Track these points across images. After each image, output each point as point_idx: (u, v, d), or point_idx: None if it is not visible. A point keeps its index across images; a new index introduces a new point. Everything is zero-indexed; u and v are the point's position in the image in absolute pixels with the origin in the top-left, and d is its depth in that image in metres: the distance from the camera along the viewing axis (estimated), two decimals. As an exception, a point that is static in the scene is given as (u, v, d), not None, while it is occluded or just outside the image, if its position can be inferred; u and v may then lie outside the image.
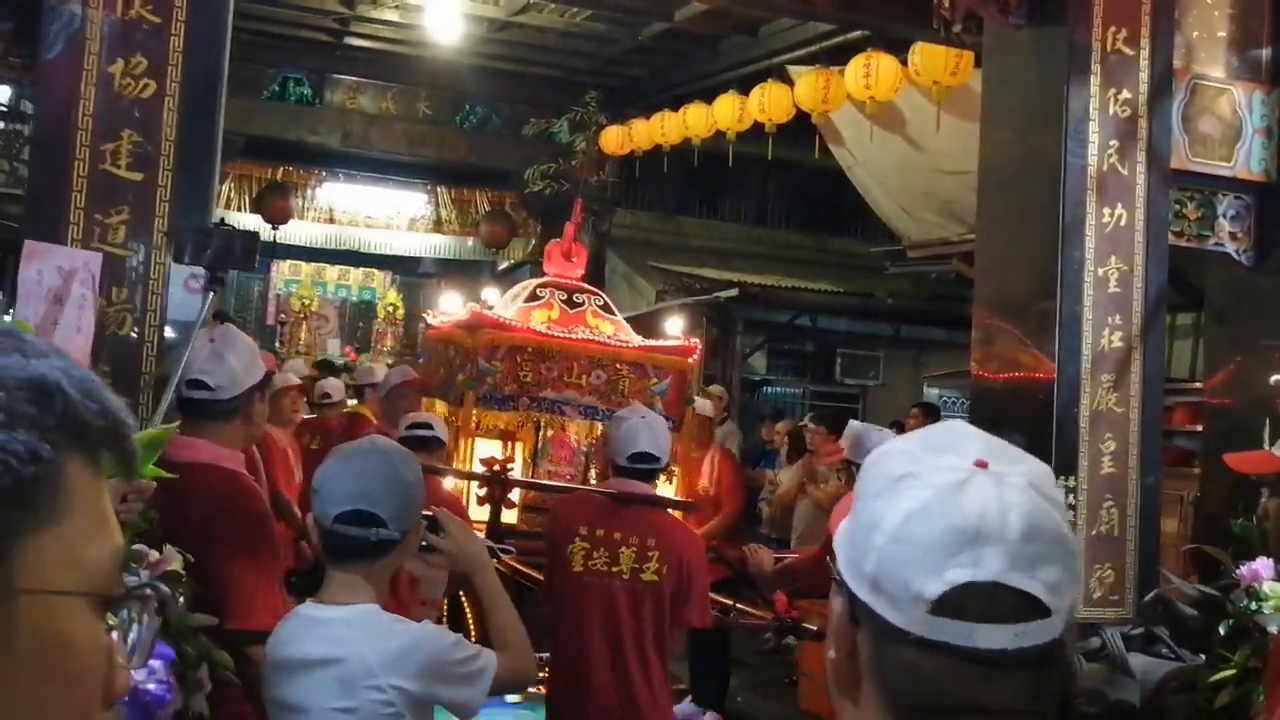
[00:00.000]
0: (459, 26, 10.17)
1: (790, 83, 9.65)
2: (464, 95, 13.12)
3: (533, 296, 6.06)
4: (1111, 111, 4.90)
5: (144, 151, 3.61)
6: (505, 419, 5.62)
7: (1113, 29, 4.91)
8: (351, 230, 14.34)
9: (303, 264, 15.22)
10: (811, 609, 4.77)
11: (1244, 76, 5.31)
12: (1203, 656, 4.00)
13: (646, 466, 3.74)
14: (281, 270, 15.03)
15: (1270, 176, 5.28)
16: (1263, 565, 3.87)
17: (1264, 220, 5.28)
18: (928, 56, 8.05)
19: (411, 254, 15.14)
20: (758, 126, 10.04)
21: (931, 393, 14.07)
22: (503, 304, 6.27)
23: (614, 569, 3.63)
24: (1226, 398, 5.65)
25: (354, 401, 7.94)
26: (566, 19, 11.02)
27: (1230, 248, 5.25)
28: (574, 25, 11.22)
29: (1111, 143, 4.88)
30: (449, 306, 6.78)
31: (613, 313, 6.18)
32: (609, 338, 5.84)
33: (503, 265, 14.93)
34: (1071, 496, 4.69)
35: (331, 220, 14.22)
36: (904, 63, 8.37)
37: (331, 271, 15.53)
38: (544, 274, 6.41)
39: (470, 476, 5.38)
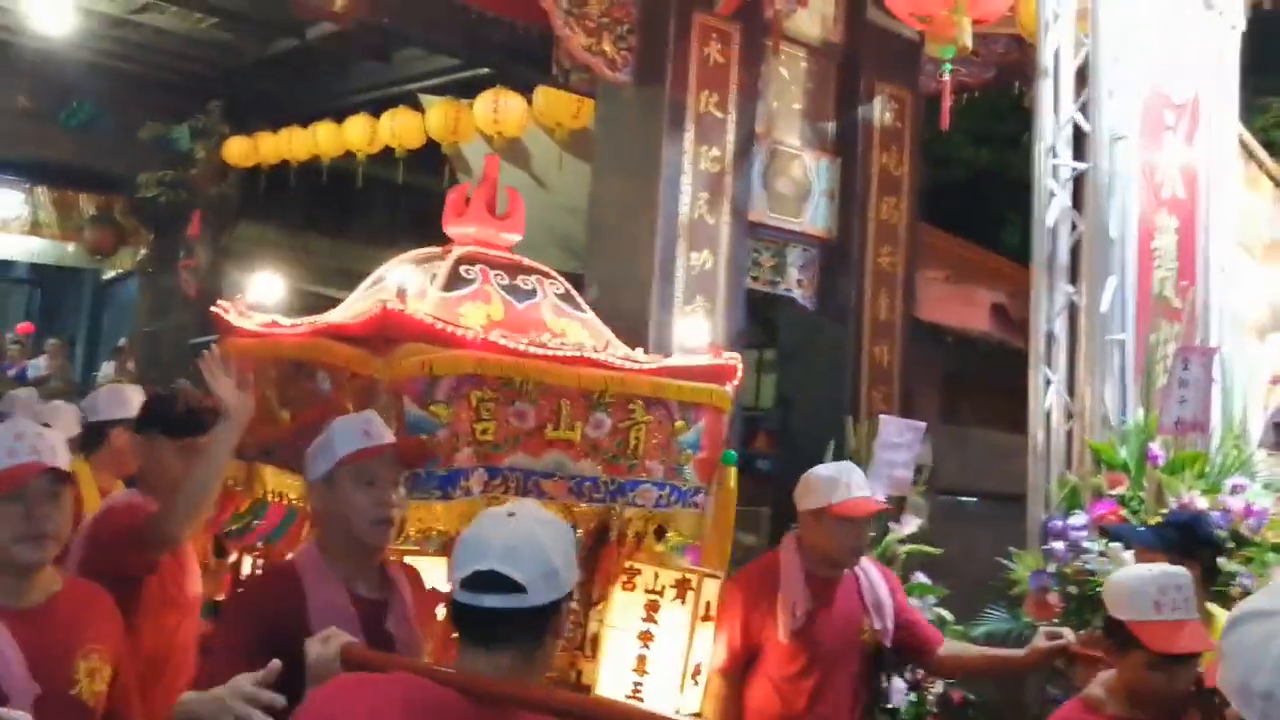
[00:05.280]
0: (68, 18, 9.54)
1: (422, 111, 9.86)
2: (71, 91, 12.26)
3: (456, 278, 3.51)
4: (702, 166, 5.50)
5: None
6: (452, 513, 3.01)
7: (706, 92, 5.53)
8: (-66, 227, 12.96)
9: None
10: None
11: (814, 145, 6.11)
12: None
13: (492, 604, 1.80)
14: None
15: (831, 234, 6.11)
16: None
17: (825, 271, 6.10)
18: (551, 99, 8.53)
19: (2, 257, 13.89)
20: (388, 150, 10.16)
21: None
22: (411, 292, 3.33)
23: None
24: (796, 423, 6.44)
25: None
26: (190, 24, 10.63)
27: (797, 293, 6.02)
28: (198, 31, 10.84)
29: (701, 194, 5.48)
30: (266, 294, 3.70)
31: (579, 306, 3.79)
32: (598, 352, 3.41)
33: (109, 275, 14.03)
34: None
35: (-87, 215, 12.79)
36: (530, 102, 8.82)
37: (-95, 272, 13.97)
38: (445, 240, 3.77)
39: None
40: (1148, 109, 4.69)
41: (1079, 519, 3.91)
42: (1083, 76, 4.66)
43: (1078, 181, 4.63)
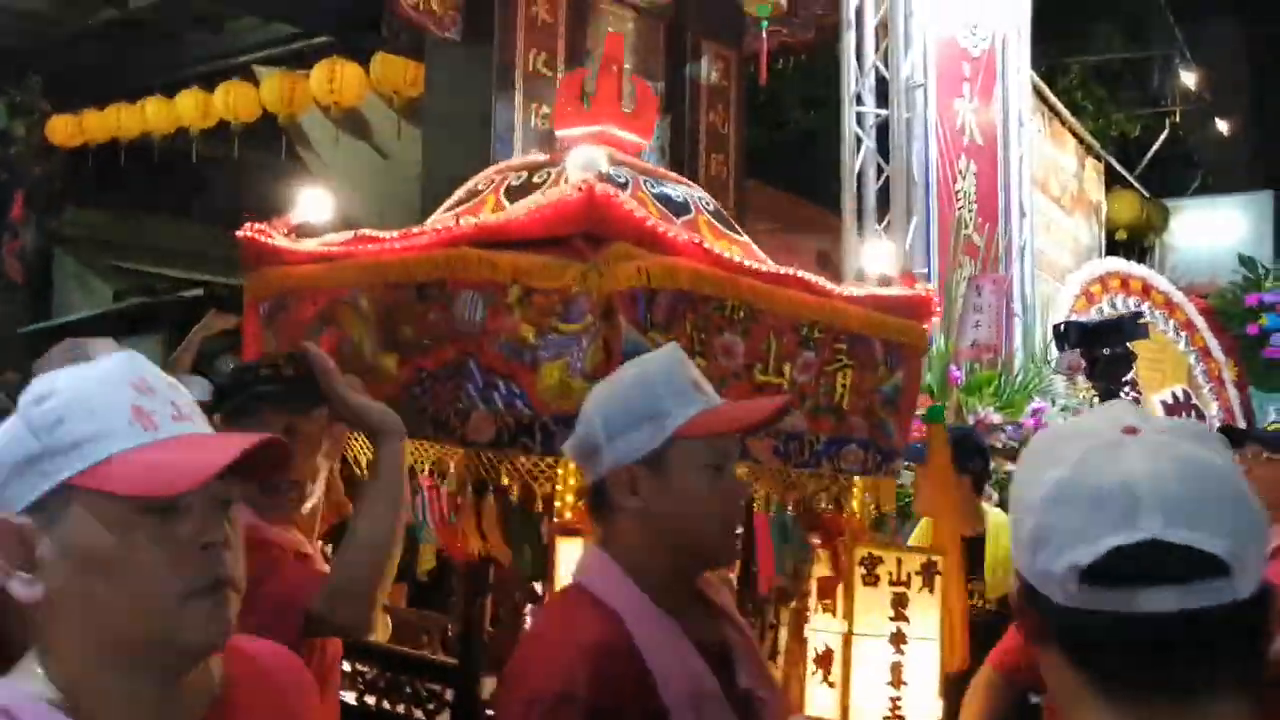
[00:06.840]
0: None
1: (257, 82, 9.70)
2: (-126, 65, 11.64)
3: (606, 179, 2.45)
4: (533, 124, 5.61)
5: None
6: None
7: (534, 51, 5.64)
8: None
9: None
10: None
11: (642, 104, 6.29)
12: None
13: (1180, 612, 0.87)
14: None
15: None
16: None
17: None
18: (388, 66, 8.51)
19: None
20: (224, 125, 9.97)
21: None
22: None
23: None
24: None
25: None
26: (2, -7, 10.23)
27: (632, 247, 6.21)
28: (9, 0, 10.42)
29: (533, 151, 5.59)
30: (316, 213, 2.79)
31: (733, 227, 2.84)
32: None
33: (-73, 261, 13.36)
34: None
35: None
36: (368, 71, 8.78)
37: None
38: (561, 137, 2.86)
39: None
40: (944, 60, 5.01)
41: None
42: (885, 29, 4.96)
43: (884, 129, 4.92)
